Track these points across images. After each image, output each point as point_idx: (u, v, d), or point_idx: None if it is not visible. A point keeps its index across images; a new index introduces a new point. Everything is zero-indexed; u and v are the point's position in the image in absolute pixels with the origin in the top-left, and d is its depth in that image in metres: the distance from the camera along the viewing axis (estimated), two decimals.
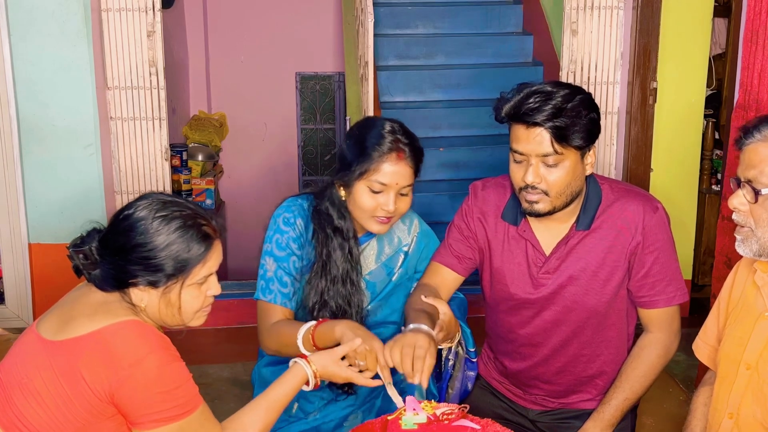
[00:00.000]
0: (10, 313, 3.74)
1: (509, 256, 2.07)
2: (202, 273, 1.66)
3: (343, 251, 2.06)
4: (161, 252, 1.60)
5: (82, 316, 1.60)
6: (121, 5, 3.57)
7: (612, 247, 1.99)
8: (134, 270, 1.61)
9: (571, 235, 2.00)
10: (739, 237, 1.75)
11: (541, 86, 1.89)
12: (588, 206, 2.00)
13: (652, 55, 3.79)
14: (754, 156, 1.68)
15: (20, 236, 3.66)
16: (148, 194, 1.70)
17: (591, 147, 1.93)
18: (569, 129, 1.84)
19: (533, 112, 1.85)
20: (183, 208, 1.66)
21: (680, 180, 4.02)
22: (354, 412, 2.15)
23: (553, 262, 2.01)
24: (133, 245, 1.61)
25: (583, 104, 1.88)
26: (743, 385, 1.77)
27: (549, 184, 1.90)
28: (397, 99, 5.00)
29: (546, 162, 1.88)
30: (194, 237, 1.63)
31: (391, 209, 1.99)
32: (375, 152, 1.97)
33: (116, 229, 1.65)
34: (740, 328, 1.81)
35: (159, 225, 1.61)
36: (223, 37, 6.06)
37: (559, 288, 2.01)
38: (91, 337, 1.56)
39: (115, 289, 1.64)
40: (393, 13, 5.21)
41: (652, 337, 2.07)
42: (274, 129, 6.24)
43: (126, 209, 1.67)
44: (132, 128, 3.69)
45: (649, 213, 1.99)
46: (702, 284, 4.32)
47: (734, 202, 1.72)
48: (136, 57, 3.62)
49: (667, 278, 2.03)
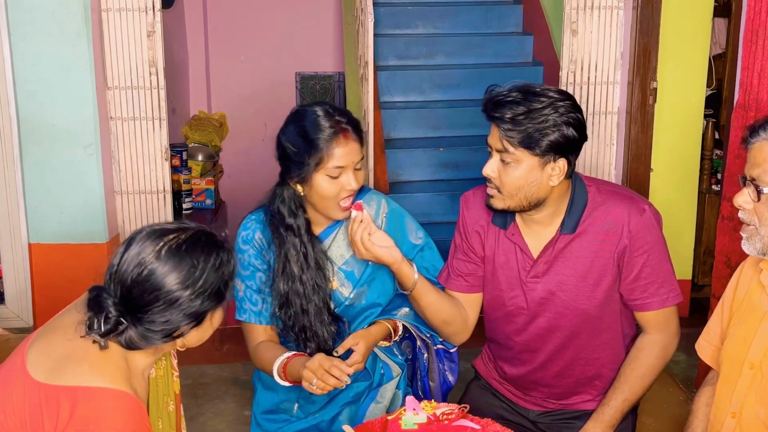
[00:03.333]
0: (9, 313, 3.74)
1: (502, 261, 2.06)
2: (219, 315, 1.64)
3: (296, 248, 2.07)
4: (204, 294, 1.54)
5: (75, 361, 1.52)
6: (121, 5, 3.57)
7: (600, 250, 1.97)
8: (181, 320, 1.54)
9: (557, 238, 1.98)
10: (745, 235, 1.77)
11: (530, 86, 1.87)
12: (573, 209, 1.98)
13: (652, 55, 3.79)
14: (758, 155, 1.71)
15: (20, 236, 3.66)
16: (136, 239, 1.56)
17: (557, 159, 1.87)
18: (522, 133, 1.83)
19: (497, 107, 1.86)
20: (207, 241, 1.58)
21: (680, 180, 4.02)
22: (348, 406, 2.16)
23: (541, 266, 2.00)
24: (175, 299, 1.52)
25: (558, 113, 1.83)
26: (746, 385, 1.78)
27: (502, 182, 1.91)
28: (397, 99, 4.99)
29: (503, 158, 1.89)
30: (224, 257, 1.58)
31: (354, 187, 2.03)
32: (322, 141, 2.00)
33: (144, 288, 1.52)
34: (744, 328, 1.81)
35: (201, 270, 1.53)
36: (223, 37, 6.05)
37: (549, 294, 2.00)
38: (75, 393, 1.48)
39: (161, 343, 1.56)
40: (393, 13, 5.21)
41: (649, 338, 2.05)
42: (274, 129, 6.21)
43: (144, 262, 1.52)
44: (132, 128, 3.69)
45: (635, 215, 1.95)
46: (702, 284, 4.32)
47: (739, 201, 1.74)
48: (136, 57, 3.62)
49: (659, 280, 2.00)
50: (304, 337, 2.10)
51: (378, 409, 2.16)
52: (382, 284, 2.17)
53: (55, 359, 1.53)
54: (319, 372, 1.85)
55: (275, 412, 2.18)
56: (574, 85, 3.78)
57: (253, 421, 2.24)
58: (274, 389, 2.19)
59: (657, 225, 1.99)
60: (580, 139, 1.88)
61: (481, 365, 2.29)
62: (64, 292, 3.59)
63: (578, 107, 1.89)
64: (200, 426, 3.05)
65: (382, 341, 2.17)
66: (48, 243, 3.66)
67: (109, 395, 1.49)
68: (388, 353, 2.25)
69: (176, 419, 1.82)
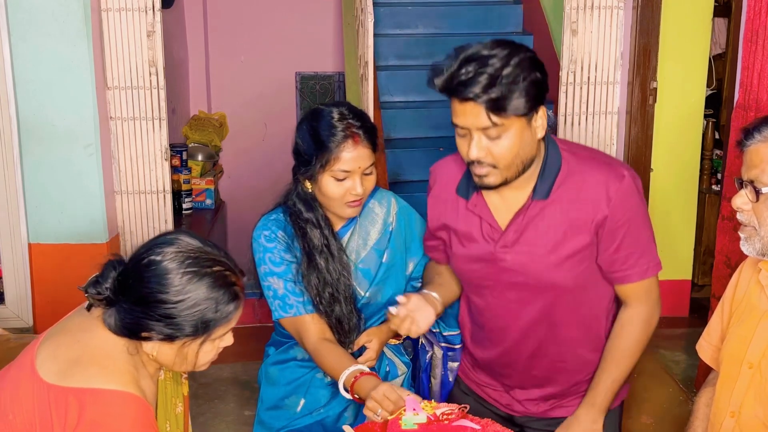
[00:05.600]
0: (9, 313, 3.74)
1: (465, 233, 1.96)
2: (222, 331, 1.57)
3: (319, 240, 2.08)
4: (186, 311, 1.49)
5: (83, 363, 1.50)
6: (121, 5, 3.57)
7: (575, 219, 1.85)
8: (152, 325, 1.50)
9: (529, 204, 1.86)
10: (743, 236, 1.77)
11: (477, 50, 1.74)
12: (546, 173, 1.85)
13: (652, 55, 3.79)
14: (755, 156, 1.71)
15: (20, 236, 3.66)
16: (173, 237, 1.55)
17: (538, 109, 1.78)
18: (506, 99, 1.71)
19: (465, 86, 1.71)
20: (214, 262, 1.54)
21: (680, 180, 4.02)
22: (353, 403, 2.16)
23: (510, 235, 1.88)
24: (156, 300, 1.49)
25: (521, 67, 1.73)
26: (745, 384, 1.78)
27: (495, 157, 1.76)
28: (397, 99, 4.99)
29: (488, 135, 1.75)
30: (223, 298, 1.52)
31: (359, 192, 2.02)
32: (331, 143, 1.99)
33: (140, 275, 1.51)
34: (744, 327, 1.81)
35: (188, 282, 1.49)
36: (223, 37, 6.06)
37: (519, 265, 1.88)
38: (83, 394, 1.47)
39: (126, 337, 1.53)
40: (393, 13, 5.21)
41: (631, 311, 1.95)
42: (274, 129, 6.24)
43: (151, 253, 1.53)
44: (132, 128, 3.69)
45: (615, 182, 1.83)
46: (702, 284, 4.32)
47: (737, 202, 1.74)
48: (136, 57, 3.62)
49: (639, 250, 1.89)
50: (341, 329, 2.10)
51: None
52: (397, 282, 2.18)
53: (64, 361, 1.52)
54: (385, 403, 1.83)
55: (280, 408, 2.18)
56: (574, 85, 3.79)
57: (257, 419, 2.24)
58: (278, 385, 2.19)
59: (637, 191, 1.88)
60: (545, 79, 1.79)
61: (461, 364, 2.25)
62: (64, 292, 3.61)
63: (523, 46, 1.80)
64: (200, 426, 3.05)
65: (391, 339, 2.18)
66: (48, 243, 3.66)
67: (117, 397, 1.48)
68: (396, 351, 2.25)
69: (184, 421, 1.82)
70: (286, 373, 2.19)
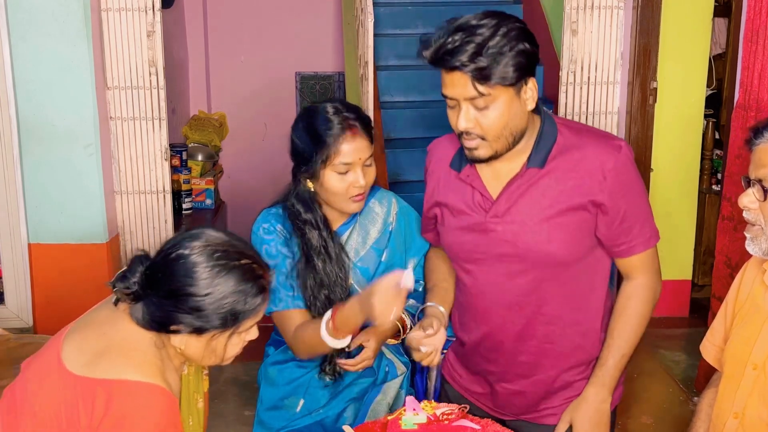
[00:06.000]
0: (9, 313, 3.74)
1: (457, 204, 1.94)
2: (250, 324, 1.60)
3: (316, 242, 2.08)
4: (215, 304, 1.51)
5: (110, 354, 1.51)
6: (120, 5, 3.57)
7: (572, 190, 1.82)
8: (182, 318, 1.52)
9: (522, 173, 1.84)
10: (749, 235, 1.76)
11: (466, 20, 1.75)
12: (542, 143, 1.84)
13: (652, 55, 3.79)
14: (764, 156, 1.70)
15: (20, 236, 3.66)
16: (199, 232, 1.58)
17: (527, 80, 1.78)
18: (493, 68, 1.71)
19: (451, 55, 1.71)
20: (241, 255, 1.56)
21: (680, 180, 4.02)
22: (352, 402, 2.16)
23: (502, 204, 1.86)
24: (185, 293, 1.51)
25: (509, 37, 1.72)
26: (749, 386, 1.77)
27: (484, 128, 1.76)
28: (397, 99, 4.99)
29: (476, 105, 1.75)
30: (252, 290, 1.55)
31: (362, 183, 2.03)
32: (329, 137, 2.00)
33: (168, 269, 1.53)
34: (748, 328, 1.80)
35: (217, 275, 1.51)
36: (223, 37, 6.05)
37: (511, 235, 1.86)
38: (111, 386, 1.48)
39: (155, 330, 1.55)
40: (393, 13, 5.21)
41: (635, 283, 1.92)
42: (274, 129, 6.23)
43: (180, 247, 1.55)
44: (132, 128, 3.69)
45: (612, 154, 1.82)
46: (702, 284, 4.33)
47: (744, 201, 1.73)
48: (136, 57, 3.62)
49: (641, 220, 1.88)
50: None
51: (382, 404, 2.16)
52: None
53: (90, 353, 1.53)
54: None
55: (279, 408, 2.19)
56: (574, 85, 3.79)
57: (257, 419, 2.24)
58: (278, 385, 2.19)
59: (633, 161, 1.87)
60: (535, 50, 1.78)
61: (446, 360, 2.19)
62: (64, 292, 3.61)
63: (513, 17, 1.79)
64: None
65: (390, 339, 2.18)
66: (48, 243, 3.66)
67: (144, 389, 1.48)
68: (395, 351, 2.25)
69: (204, 417, 1.83)
70: (285, 373, 2.19)
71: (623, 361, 1.92)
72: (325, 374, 2.13)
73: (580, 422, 1.92)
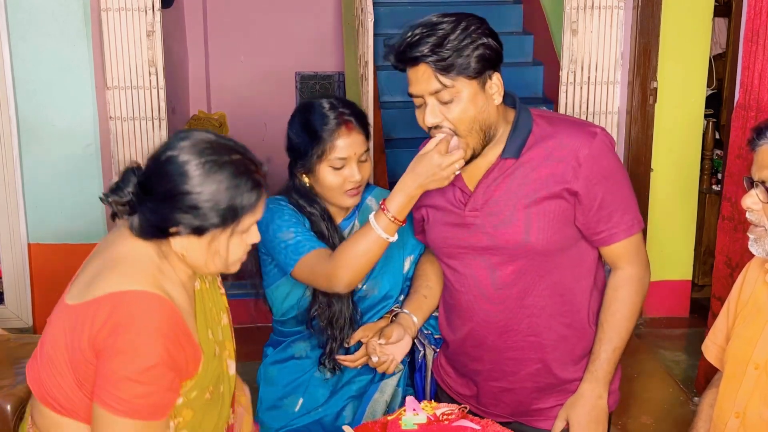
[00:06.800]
0: (9, 313, 3.74)
1: (439, 203, 1.95)
2: (249, 222, 1.56)
3: (322, 233, 2.08)
4: (211, 200, 1.49)
5: (104, 273, 1.50)
6: (120, 5, 3.57)
7: (548, 179, 1.82)
8: (180, 218, 1.49)
9: (497, 164, 1.85)
10: (752, 236, 1.75)
11: (427, 19, 1.80)
12: (516, 134, 1.84)
13: (652, 55, 3.79)
14: (767, 156, 1.69)
15: (20, 236, 3.66)
16: (187, 134, 1.56)
17: (491, 75, 1.80)
18: (453, 58, 1.74)
19: (413, 47, 1.77)
20: (233, 152, 1.55)
21: (680, 180, 4.02)
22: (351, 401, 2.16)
23: (479, 197, 1.87)
24: (179, 192, 1.49)
25: (469, 31, 1.76)
26: (751, 385, 1.76)
27: (452, 121, 1.78)
28: (397, 99, 4.99)
29: (440, 99, 1.77)
30: (246, 185, 1.52)
31: (357, 178, 2.04)
32: (325, 132, 2.02)
33: (160, 172, 1.52)
34: (750, 328, 1.80)
35: (209, 171, 1.49)
36: (223, 37, 6.05)
37: (491, 227, 1.86)
38: (104, 300, 1.46)
39: (154, 238, 1.53)
40: (393, 13, 5.21)
41: (622, 273, 1.91)
42: (274, 129, 6.23)
43: (169, 149, 1.53)
44: (132, 128, 3.69)
45: (587, 141, 1.82)
46: (702, 284, 4.32)
47: (747, 202, 1.72)
48: (136, 57, 3.62)
49: (621, 207, 1.86)
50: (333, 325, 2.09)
51: (379, 402, 2.16)
52: (393, 276, 2.18)
53: (87, 280, 1.52)
54: None
55: (278, 408, 2.19)
56: (574, 85, 3.79)
57: (256, 420, 2.24)
58: (277, 385, 2.20)
59: (611, 148, 1.86)
60: (499, 46, 1.81)
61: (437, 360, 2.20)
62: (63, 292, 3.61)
63: (474, 15, 1.82)
64: None
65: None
66: (48, 243, 3.67)
67: (138, 296, 1.47)
68: None
69: (231, 332, 1.79)
70: (284, 373, 2.19)
71: (616, 354, 1.90)
72: (325, 368, 2.13)
73: (577, 419, 1.90)
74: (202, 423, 1.61)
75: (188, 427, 1.58)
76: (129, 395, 1.44)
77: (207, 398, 1.60)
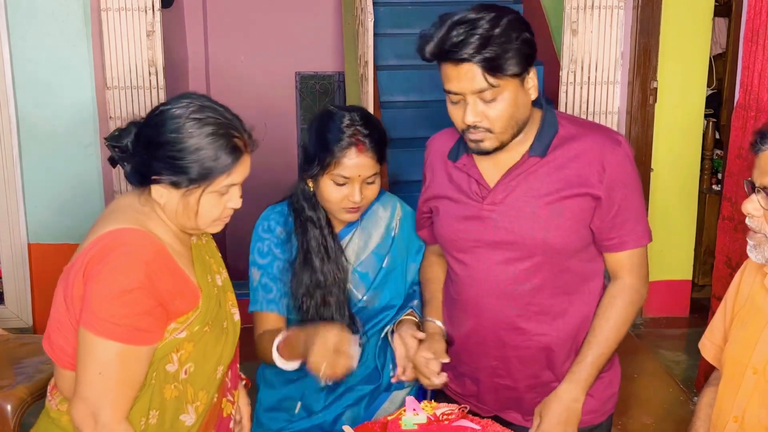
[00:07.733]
0: (9, 313, 3.74)
1: (453, 193, 1.94)
2: (224, 183, 1.64)
3: (317, 240, 2.08)
4: (189, 155, 1.59)
5: (94, 229, 1.62)
6: (120, 5, 3.57)
7: (572, 179, 1.82)
8: (159, 167, 1.60)
9: (523, 161, 1.84)
10: (751, 242, 1.73)
11: (464, 14, 1.74)
12: (544, 133, 1.84)
13: (652, 55, 3.79)
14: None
15: (20, 236, 3.66)
16: (186, 94, 1.69)
17: (530, 70, 1.78)
18: (501, 58, 1.70)
19: (458, 47, 1.70)
20: (219, 115, 1.65)
21: (680, 180, 4.02)
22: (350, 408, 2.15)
23: (499, 192, 1.86)
24: (162, 141, 1.60)
25: (512, 26, 1.73)
26: (749, 389, 1.75)
27: (491, 121, 1.76)
28: (397, 99, 4.99)
29: (483, 98, 1.74)
30: (224, 146, 1.61)
31: (357, 200, 2.02)
32: (335, 147, 1.99)
33: (151, 123, 1.64)
34: (748, 330, 1.78)
35: (191, 127, 1.60)
36: (223, 37, 6.05)
37: (507, 223, 1.85)
38: (92, 246, 1.58)
39: (139, 184, 1.65)
40: (393, 12, 5.21)
41: (621, 283, 1.91)
42: (274, 129, 6.23)
43: (165, 104, 1.65)
44: None
45: (612, 147, 1.83)
46: (702, 284, 4.33)
47: (748, 207, 1.69)
48: (136, 57, 3.62)
49: (635, 217, 1.87)
50: None
51: (388, 412, 2.13)
52: (396, 286, 2.17)
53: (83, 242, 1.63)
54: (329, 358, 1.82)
55: (277, 410, 2.18)
56: (574, 85, 3.79)
57: (255, 420, 2.23)
58: (276, 387, 2.19)
59: (632, 158, 1.88)
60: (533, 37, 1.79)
61: None
62: None
63: (507, 8, 1.79)
64: None
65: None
66: (48, 243, 3.66)
67: (122, 231, 1.58)
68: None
69: (230, 284, 1.89)
70: (283, 375, 2.18)
71: (601, 360, 1.90)
72: None
73: (548, 418, 1.89)
74: (204, 355, 1.70)
75: (191, 359, 1.67)
76: (107, 314, 1.53)
77: (206, 331, 1.69)
